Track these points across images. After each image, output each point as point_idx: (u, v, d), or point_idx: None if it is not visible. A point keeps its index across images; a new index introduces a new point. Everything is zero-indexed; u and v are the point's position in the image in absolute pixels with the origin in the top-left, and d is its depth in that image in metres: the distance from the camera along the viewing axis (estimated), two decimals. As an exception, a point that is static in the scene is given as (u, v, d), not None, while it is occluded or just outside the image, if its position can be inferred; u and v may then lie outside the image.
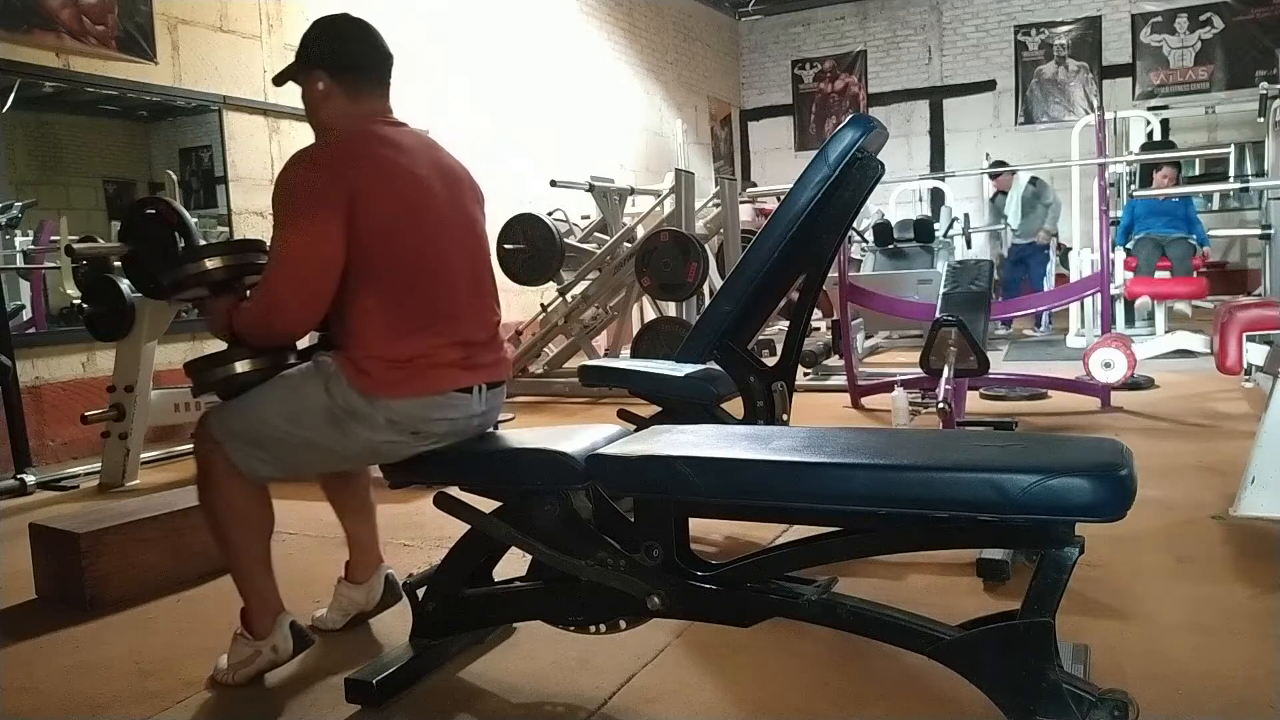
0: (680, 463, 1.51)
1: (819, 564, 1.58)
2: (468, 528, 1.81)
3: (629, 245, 5.95)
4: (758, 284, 2.66)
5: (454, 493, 1.81)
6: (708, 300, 4.45)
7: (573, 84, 8.72)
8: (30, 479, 3.83)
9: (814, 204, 2.53)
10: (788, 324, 2.89)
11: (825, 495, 1.42)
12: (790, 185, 2.59)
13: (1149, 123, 8.81)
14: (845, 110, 11.82)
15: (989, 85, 11.27)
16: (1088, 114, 9.32)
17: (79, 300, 4.16)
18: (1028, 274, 8.42)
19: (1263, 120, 6.43)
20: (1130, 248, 6.79)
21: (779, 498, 1.47)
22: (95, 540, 2.38)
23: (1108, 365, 4.23)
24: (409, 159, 1.83)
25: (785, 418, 2.75)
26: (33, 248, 4.73)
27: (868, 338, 7.46)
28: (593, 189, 6.56)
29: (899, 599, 1.78)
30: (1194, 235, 6.88)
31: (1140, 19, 10.54)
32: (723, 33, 12.12)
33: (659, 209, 6.35)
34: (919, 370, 3.73)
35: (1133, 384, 4.63)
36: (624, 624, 1.71)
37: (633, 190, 7.06)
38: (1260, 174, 8.38)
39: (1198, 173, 9.25)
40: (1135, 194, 7.22)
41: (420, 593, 1.87)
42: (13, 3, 4.31)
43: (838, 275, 4.95)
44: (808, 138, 12.14)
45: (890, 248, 8.45)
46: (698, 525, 1.79)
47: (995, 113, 11.27)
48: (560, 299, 6.14)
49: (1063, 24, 10.90)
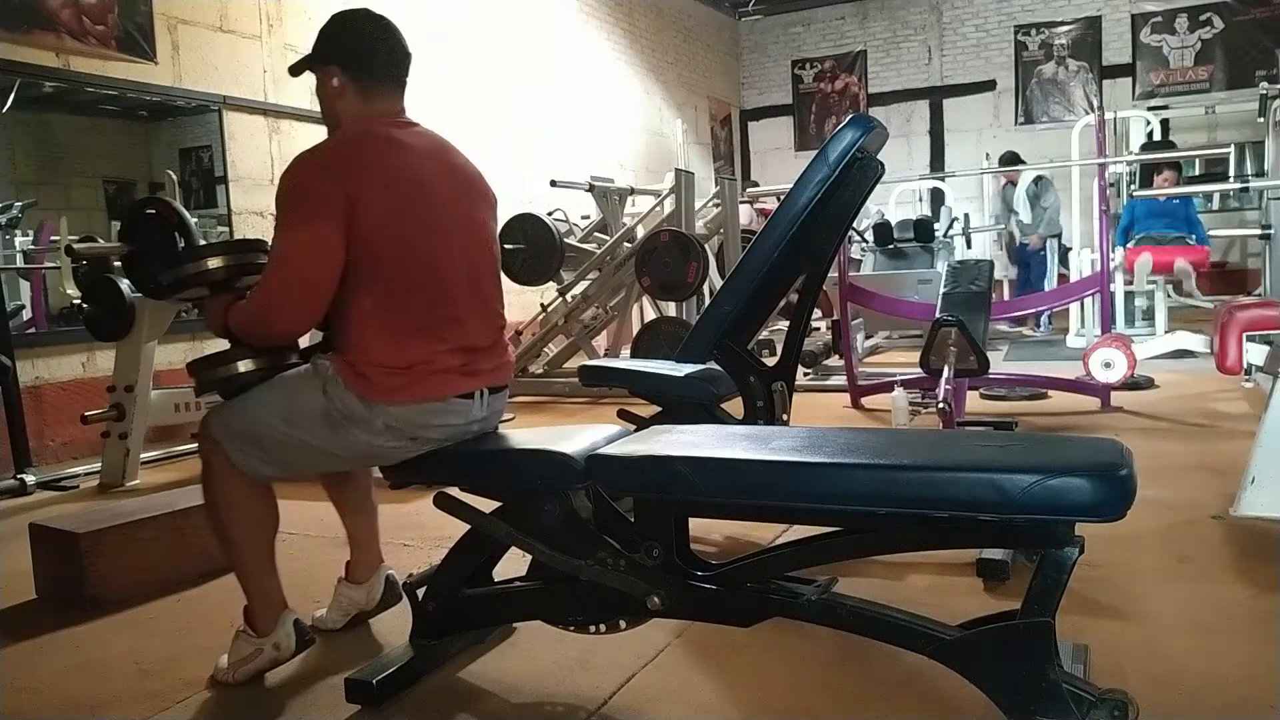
0: (680, 463, 1.51)
1: (819, 564, 1.58)
2: (468, 528, 1.81)
3: (629, 245, 5.95)
4: (758, 284, 2.66)
5: (454, 493, 1.81)
6: (708, 300, 4.45)
7: (573, 84, 8.72)
8: (30, 479, 3.83)
9: (814, 204, 2.53)
10: (788, 324, 2.88)
11: (825, 495, 1.42)
12: (790, 185, 2.60)
13: (1149, 123, 8.80)
14: (845, 110, 11.82)
15: (989, 85, 11.27)
16: (1088, 114, 9.32)
17: (79, 300, 4.16)
18: (1028, 275, 8.42)
19: (1263, 120, 6.41)
20: (1130, 248, 6.79)
21: (779, 498, 1.47)
22: (95, 540, 2.38)
23: (1108, 365, 4.23)
24: (414, 161, 1.81)
25: (785, 418, 2.75)
26: (33, 248, 4.74)
27: (868, 338, 7.46)
28: (593, 189, 6.56)
29: (899, 599, 1.78)
30: (1194, 235, 6.89)
31: (1140, 19, 10.54)
32: (723, 33, 12.12)
33: (659, 209, 6.35)
34: (919, 370, 3.73)
35: (1133, 384, 4.63)
36: (624, 624, 1.71)
37: (633, 190, 7.06)
38: (1260, 174, 8.37)
39: (1198, 173, 9.25)
40: (1135, 194, 7.22)
41: (420, 593, 1.87)
42: (13, 3, 4.31)
43: (838, 275, 4.95)
44: (808, 138, 12.14)
45: (890, 248, 8.45)
46: (698, 525, 1.79)
47: (995, 113, 11.27)
48: (560, 299, 6.14)
49: (1063, 24, 10.89)
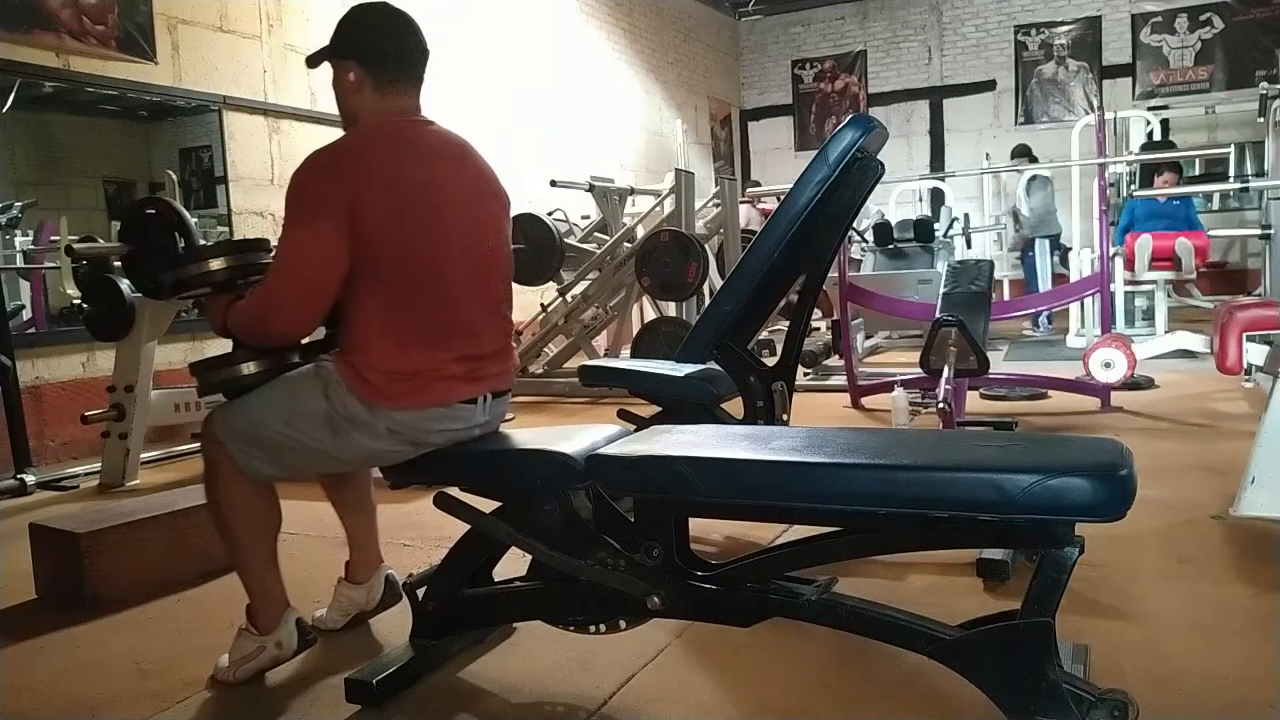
0: (680, 463, 1.51)
1: (819, 564, 1.58)
2: (468, 528, 1.81)
3: (629, 245, 5.95)
4: (758, 284, 2.66)
5: (454, 493, 1.81)
6: (708, 300, 4.45)
7: (573, 84, 8.71)
8: (30, 479, 3.83)
9: (814, 204, 2.53)
10: (787, 324, 2.88)
11: (825, 495, 1.42)
12: (790, 185, 2.60)
13: (1149, 123, 8.81)
14: (845, 110, 11.82)
15: (989, 85, 11.27)
16: (1088, 114, 9.32)
17: (79, 300, 4.16)
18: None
19: (1263, 120, 6.42)
20: (1130, 235, 6.77)
21: (779, 498, 1.47)
22: (95, 540, 2.38)
23: (1108, 365, 4.23)
24: (422, 162, 1.79)
25: (785, 418, 2.75)
26: (33, 248, 4.74)
27: (868, 338, 7.46)
28: (593, 189, 6.56)
29: (899, 599, 1.78)
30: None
31: (1140, 19, 10.54)
32: (723, 33, 12.12)
33: (659, 209, 6.35)
34: (919, 370, 3.73)
35: (1133, 384, 4.63)
36: (624, 624, 1.71)
37: (633, 190, 7.06)
38: (1260, 174, 8.37)
39: (1198, 173, 9.25)
40: (1135, 194, 7.22)
41: (420, 593, 1.87)
42: (13, 3, 4.31)
43: (838, 275, 4.95)
44: (808, 138, 12.14)
45: (890, 248, 8.45)
46: (698, 525, 1.79)
47: (995, 113, 11.26)
48: (560, 299, 6.14)
49: (1063, 24, 10.89)
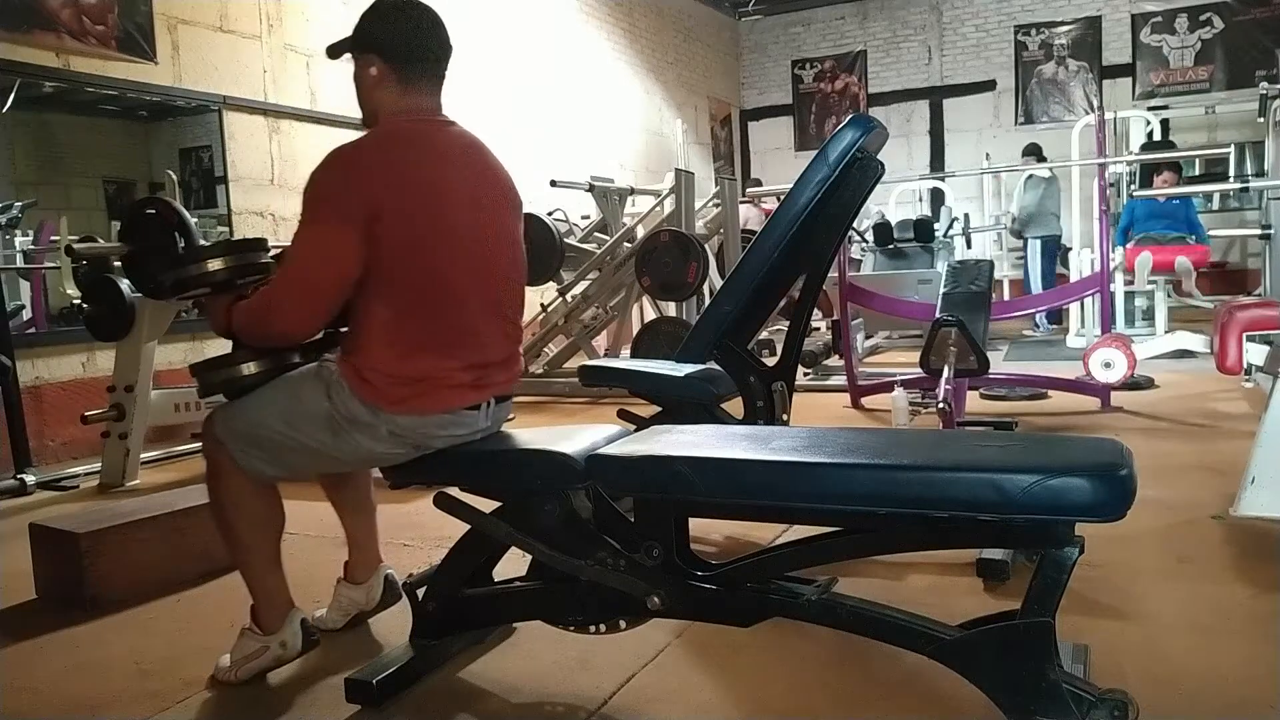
0: (680, 463, 1.51)
1: (819, 564, 1.58)
2: (468, 528, 1.81)
3: (629, 245, 5.95)
4: (758, 284, 2.66)
5: (454, 493, 1.81)
6: (708, 300, 4.45)
7: (573, 84, 8.71)
8: (30, 479, 3.83)
9: (814, 204, 2.53)
10: (788, 324, 2.88)
11: (825, 495, 1.42)
12: (790, 185, 2.60)
13: (1149, 123, 8.81)
14: (845, 110, 11.81)
15: (989, 85, 11.26)
16: (1088, 114, 9.32)
17: (79, 300, 4.16)
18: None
19: (1263, 120, 6.42)
20: (1130, 248, 6.79)
21: (779, 498, 1.47)
22: (95, 540, 2.38)
23: (1108, 365, 4.23)
24: (443, 169, 1.77)
25: (785, 418, 2.75)
26: (33, 248, 4.74)
27: (868, 338, 7.46)
28: (593, 189, 6.56)
29: (899, 599, 1.78)
30: (1194, 236, 6.88)
31: (1140, 19, 10.54)
32: (723, 33, 12.12)
33: (659, 209, 6.35)
34: (919, 370, 3.73)
35: (1133, 384, 4.63)
36: (624, 624, 1.71)
37: (633, 190, 7.06)
38: (1260, 174, 8.37)
39: (1198, 173, 9.25)
40: (1135, 194, 7.22)
41: (420, 593, 1.87)
42: (13, 3, 4.31)
43: (838, 275, 4.95)
44: (808, 138, 12.13)
45: (890, 248, 8.45)
46: (698, 525, 1.79)
47: (995, 113, 11.26)
48: (560, 299, 6.14)
49: (1063, 24, 10.89)
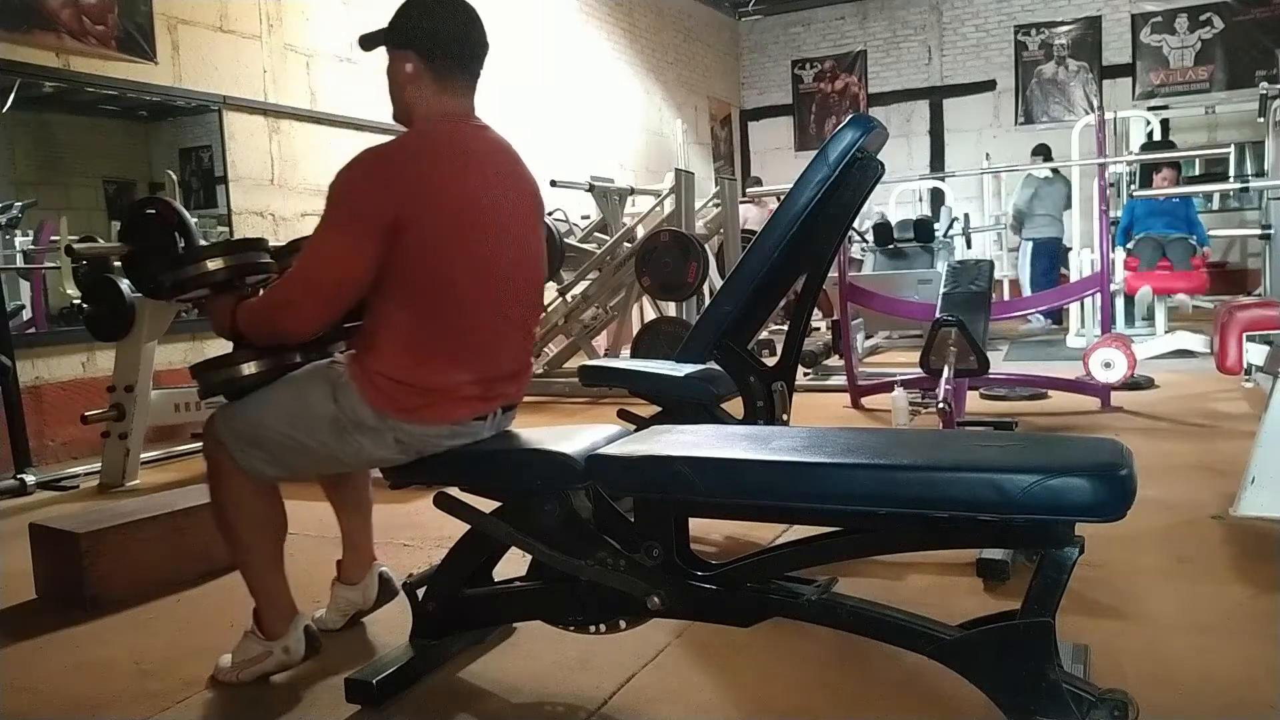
0: (680, 463, 1.51)
1: (819, 564, 1.58)
2: (467, 528, 1.81)
3: (629, 245, 5.95)
4: (758, 284, 2.66)
5: (454, 493, 1.80)
6: (708, 300, 4.46)
7: (573, 84, 8.71)
8: (30, 479, 3.83)
9: (814, 204, 2.53)
10: (788, 324, 2.89)
11: (825, 495, 1.42)
12: (790, 185, 2.60)
13: (1149, 123, 8.80)
14: (845, 110, 11.81)
15: (989, 85, 11.26)
16: (1088, 114, 9.32)
17: (79, 300, 4.16)
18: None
19: (1263, 120, 6.42)
20: (1130, 248, 6.79)
21: (779, 498, 1.47)
22: (95, 540, 2.38)
23: (1108, 365, 4.23)
24: (474, 177, 1.73)
25: (785, 418, 2.75)
26: (33, 248, 4.73)
27: (868, 338, 7.46)
28: (593, 189, 6.56)
29: (899, 599, 1.78)
30: (1194, 235, 6.88)
31: (1140, 19, 10.54)
32: (723, 33, 12.12)
33: (659, 209, 6.35)
34: (919, 370, 3.73)
35: (1133, 384, 4.63)
36: (624, 624, 1.71)
37: (633, 190, 7.06)
38: (1260, 174, 8.37)
39: (1198, 173, 9.25)
40: (1135, 194, 7.22)
41: (420, 593, 1.87)
42: (13, 3, 4.31)
43: (838, 275, 4.95)
44: (808, 138, 12.13)
45: (890, 248, 8.45)
46: (698, 525, 1.79)
47: (995, 113, 11.26)
48: (560, 299, 6.14)
49: (1063, 24, 10.89)
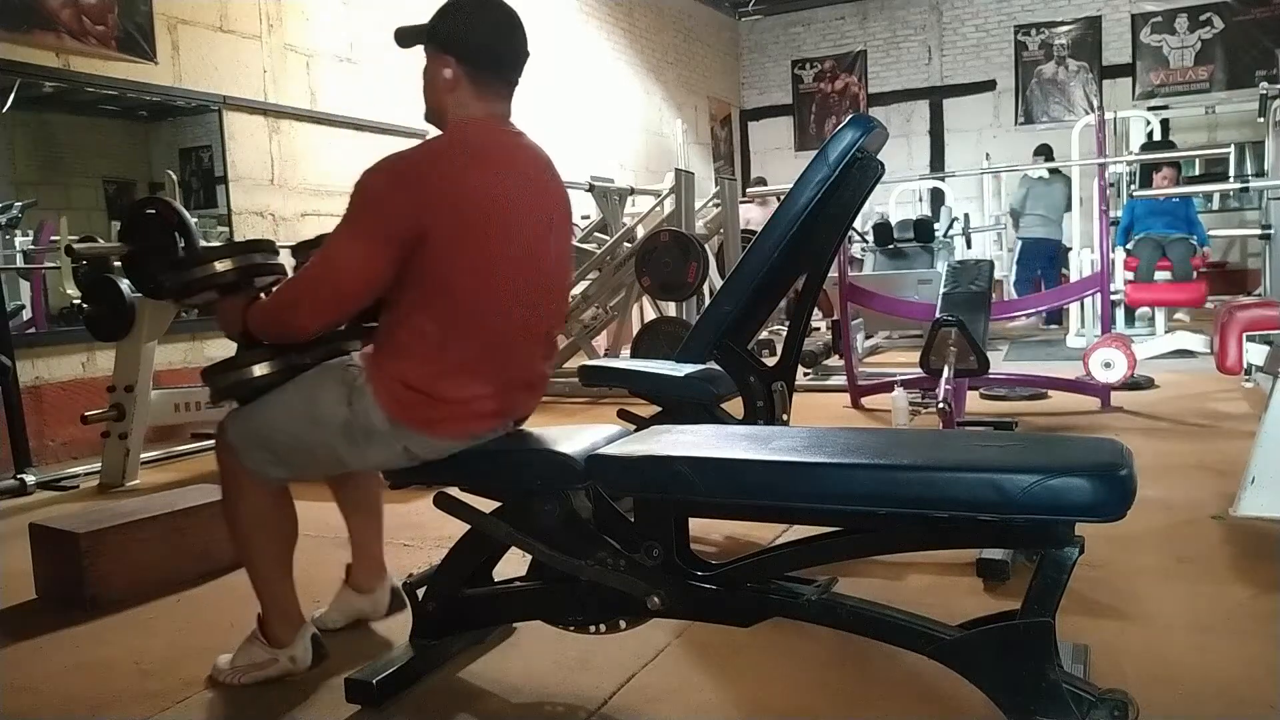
0: (680, 463, 1.51)
1: (819, 564, 1.58)
2: (468, 528, 1.81)
3: (629, 245, 5.95)
4: (758, 284, 2.66)
5: (454, 493, 1.80)
6: (708, 300, 4.46)
7: (573, 84, 8.71)
8: (30, 479, 3.83)
9: (814, 204, 2.53)
10: (788, 324, 2.89)
11: (825, 495, 1.42)
12: (790, 185, 2.60)
13: (1149, 123, 8.80)
14: (845, 110, 11.81)
15: (989, 85, 11.26)
16: (1088, 114, 9.32)
17: (79, 300, 4.16)
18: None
19: (1263, 120, 6.42)
20: (1130, 248, 6.79)
21: (779, 498, 1.47)
22: (95, 540, 2.38)
23: (1108, 365, 4.23)
24: (505, 183, 1.70)
25: (785, 418, 2.75)
26: (33, 248, 4.74)
27: (868, 338, 7.46)
28: (593, 189, 6.56)
29: (899, 599, 1.78)
30: (1194, 235, 6.89)
31: (1140, 19, 10.54)
32: (723, 33, 12.11)
33: (659, 209, 6.35)
34: (919, 370, 3.73)
35: (1133, 384, 4.63)
36: (624, 624, 1.71)
37: (633, 190, 7.06)
38: (1260, 174, 8.38)
39: (1198, 173, 9.25)
40: (1135, 194, 7.22)
41: (420, 593, 1.87)
42: (13, 3, 4.31)
43: (838, 275, 4.95)
44: (808, 138, 12.13)
45: (890, 248, 8.45)
46: (698, 525, 1.79)
47: (995, 113, 11.26)
48: (560, 299, 6.13)
49: (1063, 24, 10.89)
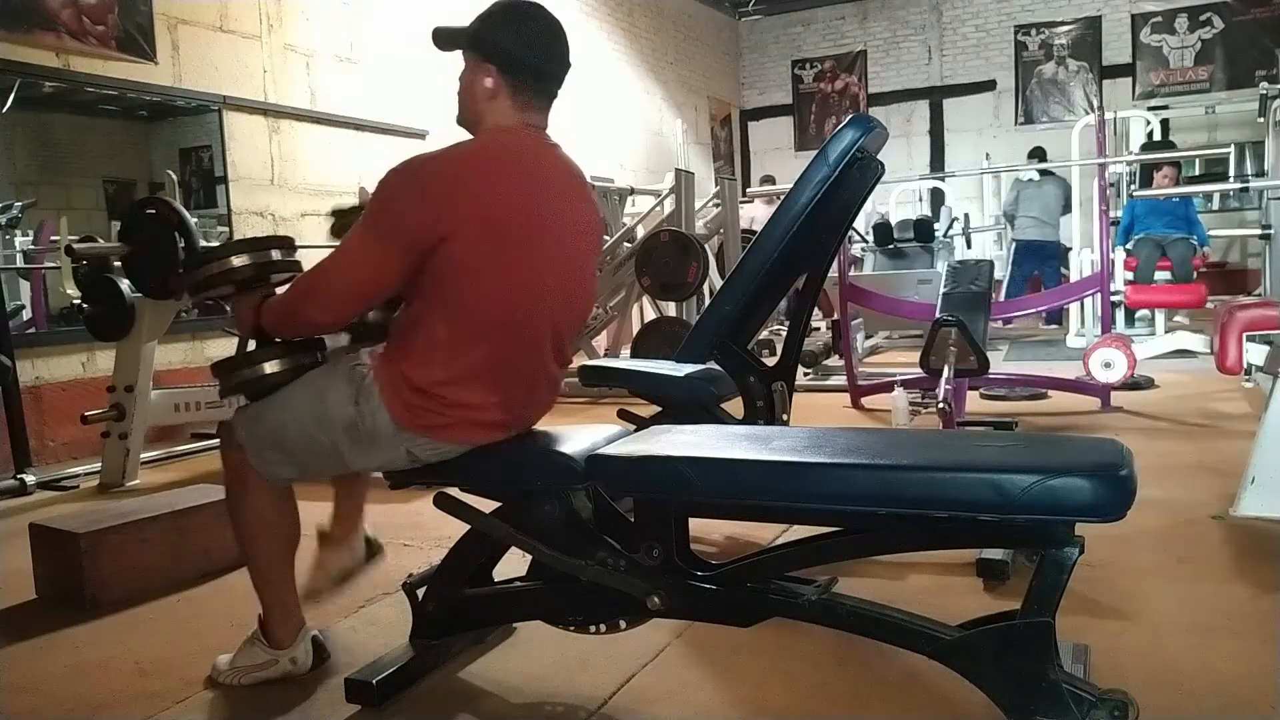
0: (680, 463, 1.51)
1: (819, 564, 1.58)
2: (468, 528, 1.81)
3: (629, 245, 5.95)
4: (758, 284, 2.66)
5: (454, 493, 1.80)
6: (708, 300, 4.46)
7: (573, 84, 8.63)
8: (30, 479, 3.83)
9: (814, 204, 2.53)
10: (788, 324, 2.89)
11: (825, 495, 1.42)
12: (790, 185, 2.60)
13: (1149, 123, 8.80)
14: (845, 110, 11.81)
15: (989, 85, 11.26)
16: (1088, 114, 9.32)
17: (79, 300, 4.16)
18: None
19: (1263, 120, 6.42)
20: (1130, 248, 6.79)
21: (779, 498, 1.47)
22: (95, 540, 2.38)
23: (1108, 365, 4.23)
24: (535, 193, 1.69)
25: (785, 418, 2.75)
26: (33, 248, 4.74)
27: (868, 338, 7.46)
28: (593, 189, 6.55)
29: (899, 599, 1.77)
30: (1194, 235, 6.89)
31: (1140, 19, 10.54)
32: (723, 33, 12.11)
33: (659, 209, 6.35)
34: (919, 370, 3.73)
35: (1133, 384, 4.63)
36: (624, 624, 1.71)
37: (633, 190, 7.06)
38: (1260, 174, 8.38)
39: (1198, 173, 9.25)
40: (1135, 194, 7.22)
41: (420, 593, 1.87)
42: (13, 3, 4.31)
43: (838, 275, 4.95)
44: (808, 138, 12.13)
45: (890, 248, 8.45)
46: (698, 525, 1.79)
47: (995, 113, 11.26)
48: (560, 299, 6.13)
49: (1063, 24, 10.89)
